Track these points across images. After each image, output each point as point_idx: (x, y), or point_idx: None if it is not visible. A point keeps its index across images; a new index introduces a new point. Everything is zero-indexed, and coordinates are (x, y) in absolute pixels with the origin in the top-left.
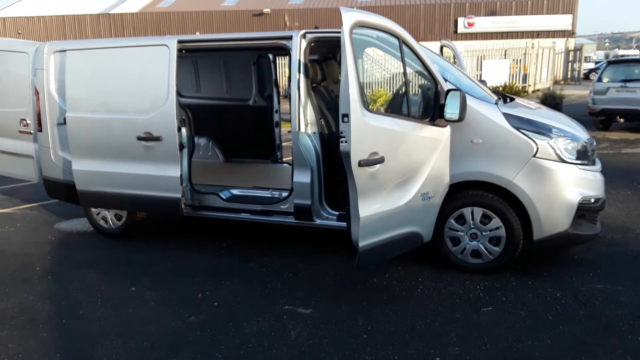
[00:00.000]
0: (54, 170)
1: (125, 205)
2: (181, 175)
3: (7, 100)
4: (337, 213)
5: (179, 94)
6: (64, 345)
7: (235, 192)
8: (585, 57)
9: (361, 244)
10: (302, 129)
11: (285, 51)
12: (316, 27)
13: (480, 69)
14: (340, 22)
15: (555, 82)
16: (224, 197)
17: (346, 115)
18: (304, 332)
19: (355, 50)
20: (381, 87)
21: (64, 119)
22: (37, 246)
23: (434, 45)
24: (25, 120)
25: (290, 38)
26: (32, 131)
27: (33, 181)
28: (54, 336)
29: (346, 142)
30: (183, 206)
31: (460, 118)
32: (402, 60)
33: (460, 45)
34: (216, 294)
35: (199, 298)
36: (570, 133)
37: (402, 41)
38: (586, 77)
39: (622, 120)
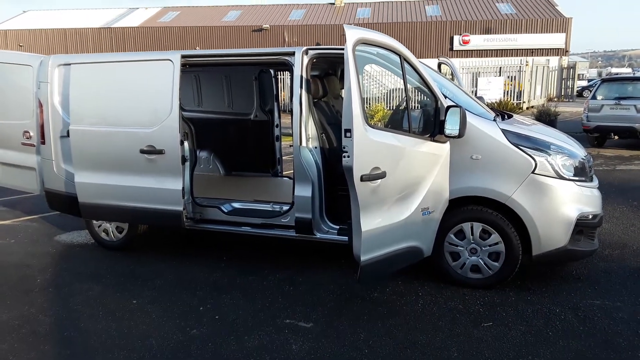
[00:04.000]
0: (56, 182)
1: (127, 218)
2: (183, 188)
3: (10, 113)
4: (337, 227)
5: (181, 108)
6: (65, 358)
7: (236, 205)
8: (579, 75)
9: (363, 258)
10: (304, 144)
11: (287, 67)
12: (318, 44)
13: (475, 86)
14: (339, 38)
15: (549, 99)
16: (225, 210)
17: (349, 131)
18: (305, 346)
19: (357, 67)
20: (378, 103)
21: (67, 132)
22: (38, 258)
23: (431, 62)
24: (28, 132)
25: (292, 54)
26: (34, 143)
27: (35, 193)
28: (55, 349)
29: (348, 157)
30: (185, 219)
31: (460, 134)
32: (403, 77)
33: (455, 63)
34: (217, 307)
35: (201, 311)
36: (568, 150)
37: (403, 58)
38: (579, 94)
39: (616, 137)
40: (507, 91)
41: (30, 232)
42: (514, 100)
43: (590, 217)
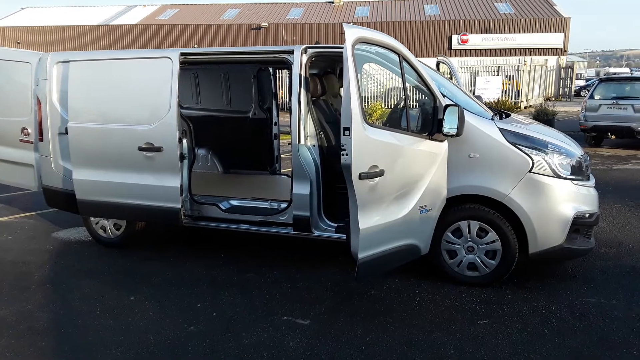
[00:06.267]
0: (54, 179)
1: (125, 215)
2: (181, 185)
3: (8, 109)
4: (335, 225)
5: (180, 106)
6: (62, 354)
7: (234, 203)
8: (577, 75)
9: (360, 255)
10: (302, 142)
11: (286, 65)
12: (317, 42)
13: (474, 85)
14: (338, 37)
15: (547, 99)
16: (223, 208)
17: (347, 129)
18: (302, 343)
19: (356, 66)
20: (377, 102)
21: (66, 129)
22: (35, 255)
23: (429, 61)
24: (26, 129)
25: (291, 52)
26: (32, 140)
27: (32, 190)
28: (52, 345)
29: (347, 155)
30: (183, 216)
31: (458, 133)
32: (402, 76)
33: (453, 62)
34: (215, 304)
35: (198, 308)
36: (565, 149)
37: (402, 57)
38: (577, 94)
39: (613, 136)
40: (505, 90)
41: (28, 229)
42: (512, 99)
43: (587, 215)
